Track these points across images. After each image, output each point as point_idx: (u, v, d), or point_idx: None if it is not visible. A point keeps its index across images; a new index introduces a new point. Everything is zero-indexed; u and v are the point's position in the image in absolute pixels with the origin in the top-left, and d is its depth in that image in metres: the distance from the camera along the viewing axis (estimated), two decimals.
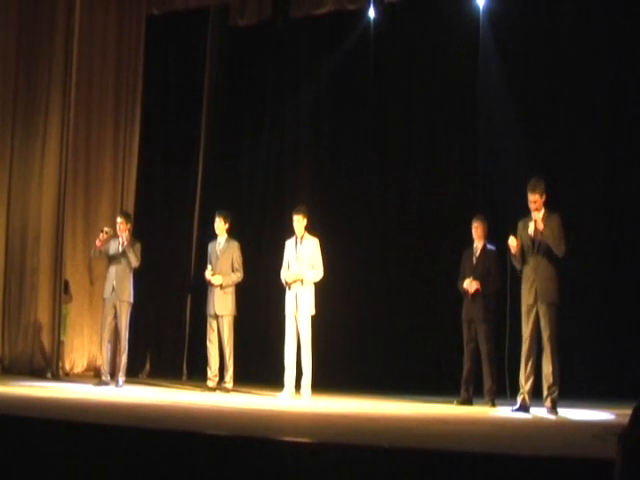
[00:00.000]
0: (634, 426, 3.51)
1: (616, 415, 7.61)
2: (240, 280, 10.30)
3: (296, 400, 9.22)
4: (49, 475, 5.44)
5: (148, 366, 12.30)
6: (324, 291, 9.85)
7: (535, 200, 8.11)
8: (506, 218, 9.05)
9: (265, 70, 12.67)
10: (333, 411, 8.24)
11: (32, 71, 11.87)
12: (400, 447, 5.15)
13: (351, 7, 11.94)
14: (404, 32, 11.79)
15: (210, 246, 10.47)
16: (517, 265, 8.29)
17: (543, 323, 8.00)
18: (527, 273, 8.16)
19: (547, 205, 8.15)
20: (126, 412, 7.45)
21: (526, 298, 8.11)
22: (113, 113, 12.52)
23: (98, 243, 10.34)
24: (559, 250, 8.03)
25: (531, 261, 8.13)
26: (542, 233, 8.03)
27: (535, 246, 8.10)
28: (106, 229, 10.41)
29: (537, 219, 8.07)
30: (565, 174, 10.47)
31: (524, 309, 8.12)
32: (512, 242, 8.16)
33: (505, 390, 8.64)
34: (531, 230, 8.08)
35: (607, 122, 10.52)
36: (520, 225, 8.26)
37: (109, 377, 10.31)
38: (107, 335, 10.31)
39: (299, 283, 9.55)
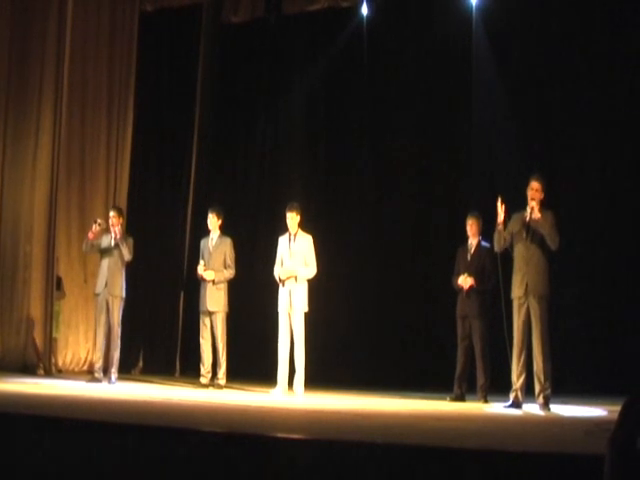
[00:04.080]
0: (621, 426, 3.53)
1: (608, 411, 7.61)
2: (232, 276, 10.29)
3: (289, 397, 9.22)
4: (41, 472, 5.43)
5: (141, 363, 12.31)
6: (317, 288, 9.86)
7: (537, 189, 8.07)
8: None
9: (259, 66, 12.66)
10: (326, 408, 8.24)
11: (25, 67, 11.83)
12: (393, 443, 5.15)
13: (345, 4, 11.98)
14: (397, 29, 11.79)
15: (203, 242, 10.46)
16: (497, 245, 8.23)
17: (534, 318, 8.00)
18: (518, 265, 8.14)
19: (542, 203, 8.14)
20: (118, 409, 7.44)
21: (517, 291, 8.10)
22: (106, 109, 12.50)
23: (90, 235, 10.33)
24: (553, 241, 8.00)
25: (524, 253, 8.11)
26: (538, 221, 8.00)
27: (529, 235, 8.07)
28: (99, 221, 10.41)
29: (534, 207, 8.04)
30: (560, 171, 10.49)
31: (515, 303, 8.11)
32: (500, 208, 8.15)
33: (505, 386, 8.55)
34: (528, 212, 8.04)
35: (602, 119, 10.52)
36: (513, 217, 8.23)
37: (102, 374, 10.30)
38: (102, 332, 10.28)
39: (293, 280, 9.55)
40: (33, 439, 5.62)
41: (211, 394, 9.43)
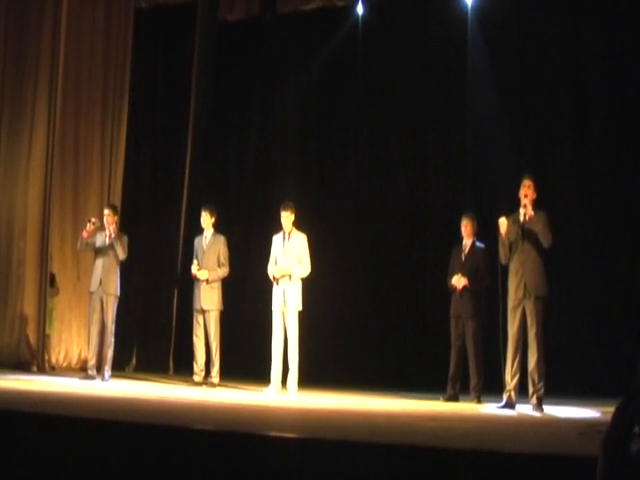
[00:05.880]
0: (614, 428, 3.54)
1: (602, 413, 7.62)
2: (226, 275, 10.28)
3: (282, 395, 9.22)
4: (34, 469, 5.42)
5: (134, 360, 12.29)
6: (311, 287, 9.85)
7: (530, 186, 8.07)
8: (495, 216, 9.00)
9: (253, 65, 12.66)
10: (319, 407, 8.24)
11: (19, 65, 11.79)
12: (385, 443, 5.16)
13: (340, 3, 11.99)
14: (392, 29, 11.80)
15: (196, 240, 10.45)
16: (503, 256, 8.19)
17: (530, 319, 7.98)
18: (515, 267, 8.11)
19: (535, 203, 8.14)
20: (112, 406, 7.43)
21: (514, 293, 8.06)
22: (101, 107, 12.46)
23: (85, 234, 10.32)
24: (546, 239, 7.99)
25: (519, 254, 8.09)
26: (531, 220, 8.00)
27: (525, 235, 8.05)
28: (93, 219, 10.39)
29: (527, 204, 8.04)
30: (555, 171, 10.49)
31: (511, 305, 8.08)
32: (503, 222, 8.13)
33: (498, 386, 8.53)
34: (522, 216, 8.05)
35: (599, 119, 10.53)
36: (510, 220, 8.23)
37: (95, 371, 10.28)
38: (95, 329, 10.27)
39: (287, 278, 9.54)
40: (26, 436, 5.61)
41: (204, 392, 9.41)
